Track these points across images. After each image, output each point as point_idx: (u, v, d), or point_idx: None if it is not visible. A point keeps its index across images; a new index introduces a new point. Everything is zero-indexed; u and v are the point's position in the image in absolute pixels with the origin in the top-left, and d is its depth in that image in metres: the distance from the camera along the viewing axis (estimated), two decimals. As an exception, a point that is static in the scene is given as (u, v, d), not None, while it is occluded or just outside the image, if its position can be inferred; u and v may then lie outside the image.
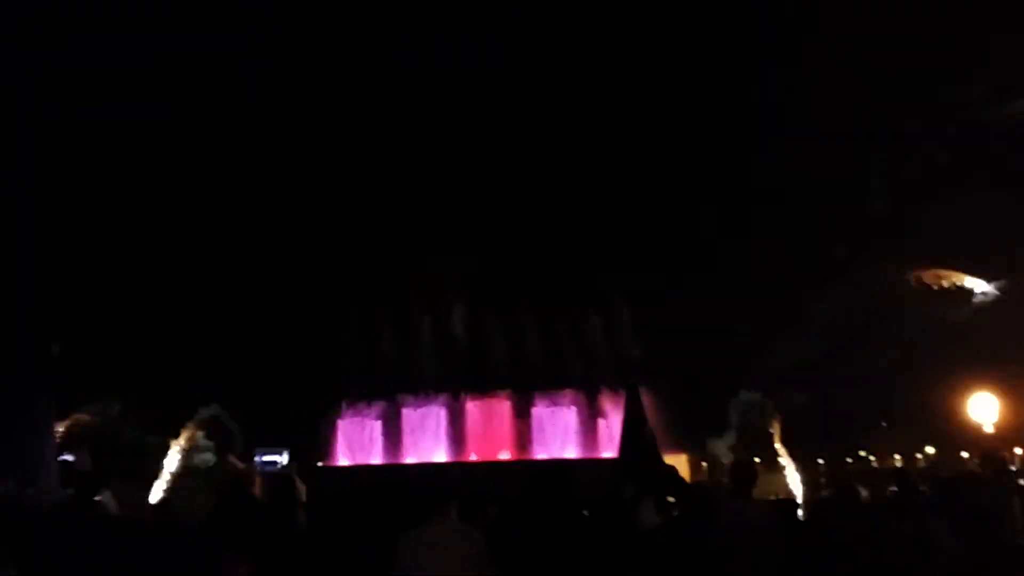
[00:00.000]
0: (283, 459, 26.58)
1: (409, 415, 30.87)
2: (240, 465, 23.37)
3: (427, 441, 30.75)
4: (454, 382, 30.78)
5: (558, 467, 9.20)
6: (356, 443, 30.18)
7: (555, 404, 30.22)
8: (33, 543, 7.23)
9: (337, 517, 10.03)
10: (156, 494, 18.23)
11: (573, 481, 8.64)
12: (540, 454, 29.86)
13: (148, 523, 10.12)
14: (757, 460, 24.08)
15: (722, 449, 26.20)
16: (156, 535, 9.50)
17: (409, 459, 30.25)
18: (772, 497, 20.20)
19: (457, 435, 30.68)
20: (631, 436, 13.23)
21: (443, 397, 30.87)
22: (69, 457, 22.11)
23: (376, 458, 30.14)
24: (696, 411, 27.08)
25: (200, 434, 25.40)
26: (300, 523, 9.34)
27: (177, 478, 19.65)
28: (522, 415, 30.29)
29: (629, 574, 8.49)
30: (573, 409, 30.16)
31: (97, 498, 9.09)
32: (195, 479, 17.74)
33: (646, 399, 15.03)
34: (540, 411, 30.39)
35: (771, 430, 26.26)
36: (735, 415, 27.08)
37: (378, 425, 30.65)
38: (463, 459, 29.85)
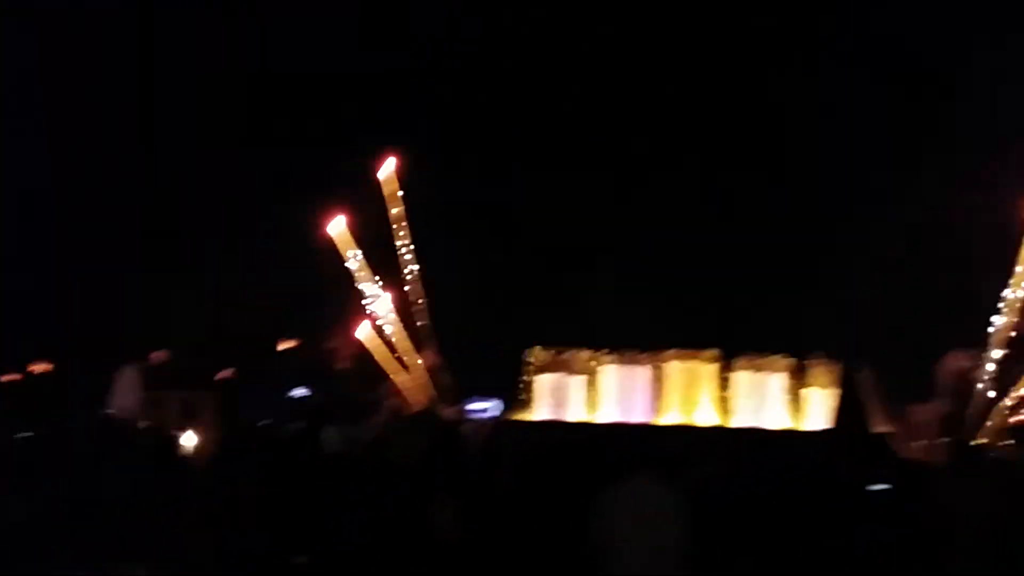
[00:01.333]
0: (492, 408, 27.27)
1: (609, 372, 31.08)
2: (450, 412, 24.30)
3: (627, 401, 30.89)
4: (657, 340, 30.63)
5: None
6: (556, 398, 30.71)
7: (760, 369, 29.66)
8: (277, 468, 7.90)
9: (539, 470, 10.35)
10: (371, 434, 19.23)
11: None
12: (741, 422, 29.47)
13: (365, 460, 10.75)
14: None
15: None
16: (370, 471, 10.08)
17: (607, 418, 30.51)
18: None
19: (657, 396, 30.66)
20: (848, 410, 12.86)
21: (645, 355, 30.81)
22: (303, 392, 23.67)
23: (574, 415, 30.56)
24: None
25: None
26: (507, 472, 9.73)
27: (391, 420, 20.68)
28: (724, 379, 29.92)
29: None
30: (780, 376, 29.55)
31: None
32: (408, 422, 18.57)
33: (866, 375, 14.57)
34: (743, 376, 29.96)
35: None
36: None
37: (579, 380, 31.04)
38: (663, 421, 29.83)
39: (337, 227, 27.40)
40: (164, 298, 28.98)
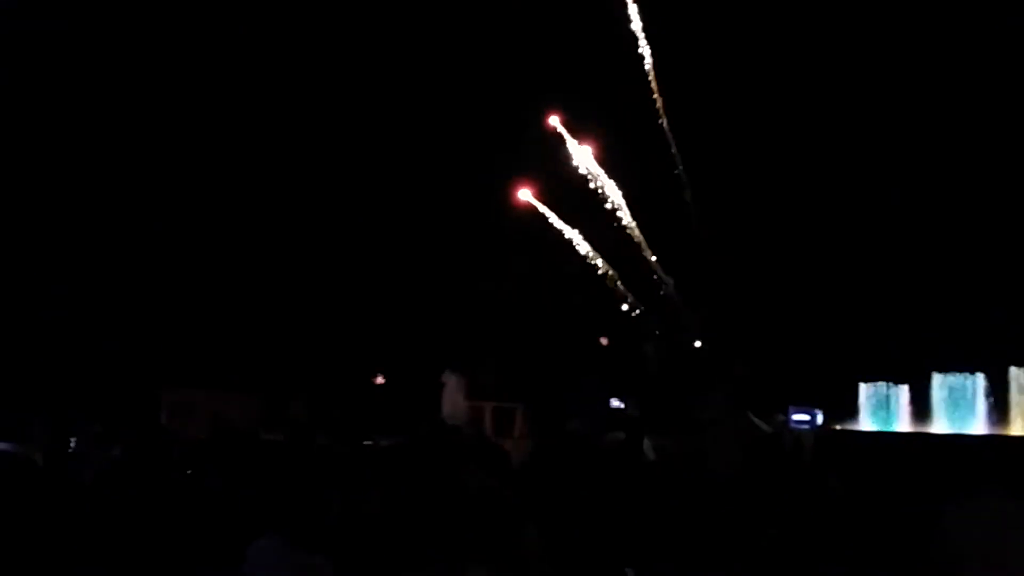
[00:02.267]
0: (815, 419, 26.27)
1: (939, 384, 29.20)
2: (765, 424, 23.61)
3: (958, 412, 28.84)
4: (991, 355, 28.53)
5: None
6: (880, 409, 29.17)
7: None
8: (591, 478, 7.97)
9: (869, 482, 9.80)
10: (687, 444, 19.13)
11: None
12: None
13: (684, 470, 10.59)
14: None
15: None
16: (690, 482, 9.91)
17: (936, 429, 28.60)
18: None
19: (994, 407, 28.37)
20: None
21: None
22: (619, 403, 23.99)
23: (902, 426, 28.90)
24: None
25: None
26: (835, 486, 9.25)
27: (712, 431, 20.47)
28: None
29: None
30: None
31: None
32: (728, 432, 18.26)
33: None
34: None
35: None
36: None
37: (904, 391, 29.32)
38: (1002, 432, 27.53)
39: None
40: (483, 309, 30.35)
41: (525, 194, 31.16)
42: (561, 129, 30.92)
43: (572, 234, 31.30)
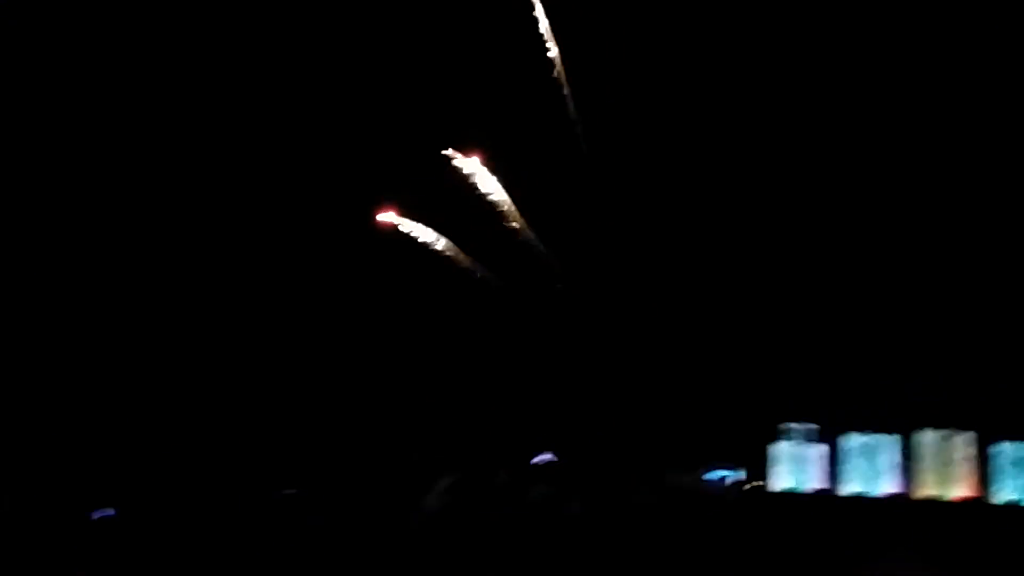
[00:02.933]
0: (731, 476, 26.69)
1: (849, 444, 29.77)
2: (689, 478, 24.00)
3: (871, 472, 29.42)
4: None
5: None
6: (797, 467, 29.60)
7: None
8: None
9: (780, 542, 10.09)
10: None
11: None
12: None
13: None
14: None
15: None
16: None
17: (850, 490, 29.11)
18: None
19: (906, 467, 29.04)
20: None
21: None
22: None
23: (815, 484, 29.30)
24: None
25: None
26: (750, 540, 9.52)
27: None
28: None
29: None
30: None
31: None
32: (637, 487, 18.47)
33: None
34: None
35: None
36: None
37: (821, 450, 29.82)
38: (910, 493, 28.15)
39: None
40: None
41: (387, 216, 30.15)
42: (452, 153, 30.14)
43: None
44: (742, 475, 26.64)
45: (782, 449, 29.87)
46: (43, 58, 30.03)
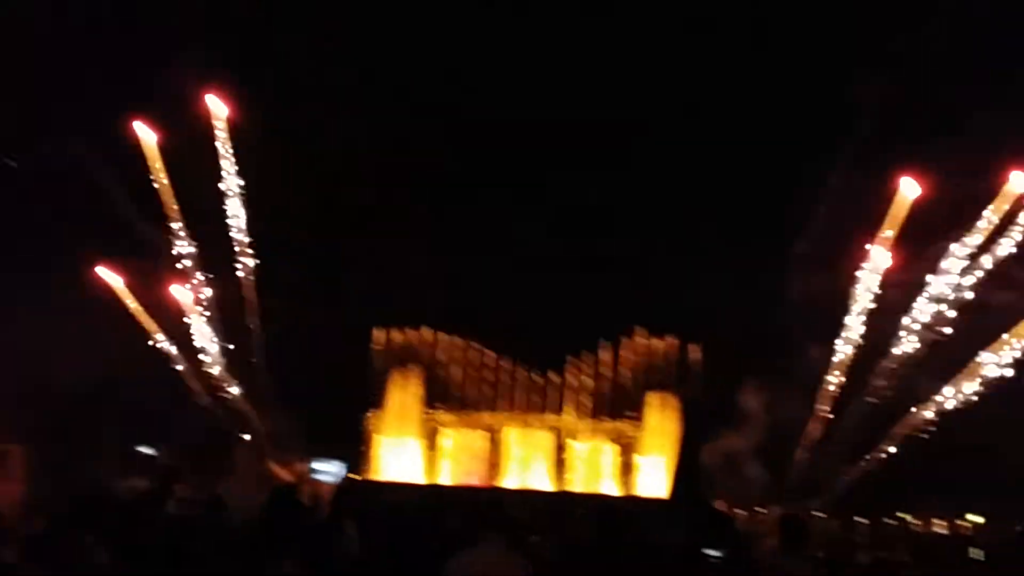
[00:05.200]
0: (335, 469, 26.85)
1: (448, 435, 31.06)
2: (291, 471, 23.81)
3: (466, 463, 30.87)
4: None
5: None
6: (395, 460, 30.42)
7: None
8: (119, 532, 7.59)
9: (385, 532, 10.24)
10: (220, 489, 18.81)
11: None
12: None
13: (197, 518, 10.45)
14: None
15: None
16: (201, 531, 9.79)
17: (447, 481, 30.40)
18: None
19: (496, 460, 30.81)
20: (683, 476, 13.29)
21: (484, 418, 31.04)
22: (150, 450, 22.70)
23: (415, 477, 30.32)
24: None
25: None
26: (350, 534, 9.61)
27: (235, 477, 20.18)
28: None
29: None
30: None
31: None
32: (251, 480, 18.18)
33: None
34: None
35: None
36: None
37: (418, 443, 30.86)
38: (502, 485, 29.93)
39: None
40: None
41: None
42: None
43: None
44: (344, 468, 27.06)
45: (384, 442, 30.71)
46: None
